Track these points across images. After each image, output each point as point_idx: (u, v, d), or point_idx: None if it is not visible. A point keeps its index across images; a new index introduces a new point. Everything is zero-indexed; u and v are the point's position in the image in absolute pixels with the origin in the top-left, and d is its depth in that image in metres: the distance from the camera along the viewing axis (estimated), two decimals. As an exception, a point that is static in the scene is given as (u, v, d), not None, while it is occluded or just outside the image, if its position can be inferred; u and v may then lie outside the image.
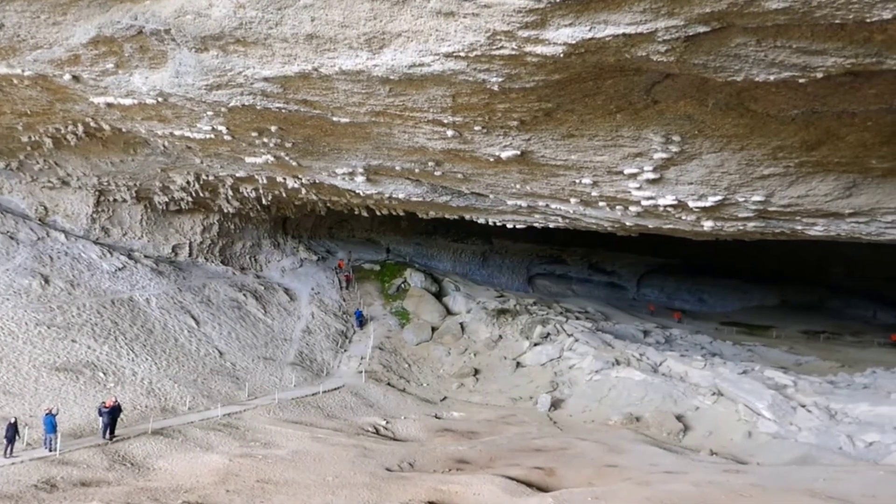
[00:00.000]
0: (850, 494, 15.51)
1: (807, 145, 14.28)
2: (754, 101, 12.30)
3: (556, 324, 39.35)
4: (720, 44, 8.73)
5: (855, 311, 61.95)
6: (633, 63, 10.00)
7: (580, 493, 15.79)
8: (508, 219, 28.70)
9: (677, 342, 43.25)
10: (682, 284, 66.46)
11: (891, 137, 13.59)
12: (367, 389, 29.18)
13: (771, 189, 17.32)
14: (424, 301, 42.39)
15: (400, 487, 16.45)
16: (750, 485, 16.43)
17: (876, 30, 7.59)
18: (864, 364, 37.40)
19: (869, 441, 22.79)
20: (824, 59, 8.69)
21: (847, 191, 17.19)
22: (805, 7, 6.99)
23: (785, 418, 25.65)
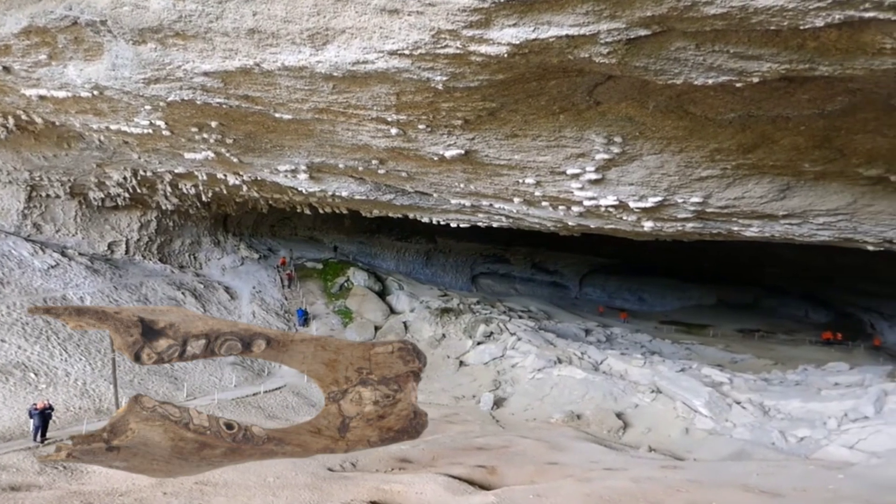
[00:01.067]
0: (782, 488, 15.91)
1: (743, 148, 14.59)
2: (693, 105, 12.50)
3: (499, 323, 39.57)
4: (660, 47, 8.82)
5: (788, 311, 63.80)
6: (575, 64, 10.06)
7: (522, 491, 15.86)
8: (452, 218, 28.73)
9: (618, 341, 43.92)
10: (623, 284, 67.55)
11: (822, 142, 13.97)
12: (309, 389, 28.85)
13: (709, 191, 17.65)
14: (367, 300, 42.19)
15: (342, 487, 16.29)
16: (686, 480, 16.72)
17: (809, 37, 7.76)
18: (796, 362, 38.48)
19: (800, 436, 23.44)
20: (760, 64, 8.85)
21: (781, 193, 17.62)
22: (742, 13, 7.10)
23: (721, 415, 26.24)
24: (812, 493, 15.55)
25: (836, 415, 24.09)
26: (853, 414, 23.66)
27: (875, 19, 6.72)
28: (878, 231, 20.45)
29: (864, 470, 17.27)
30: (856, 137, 13.73)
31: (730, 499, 15.13)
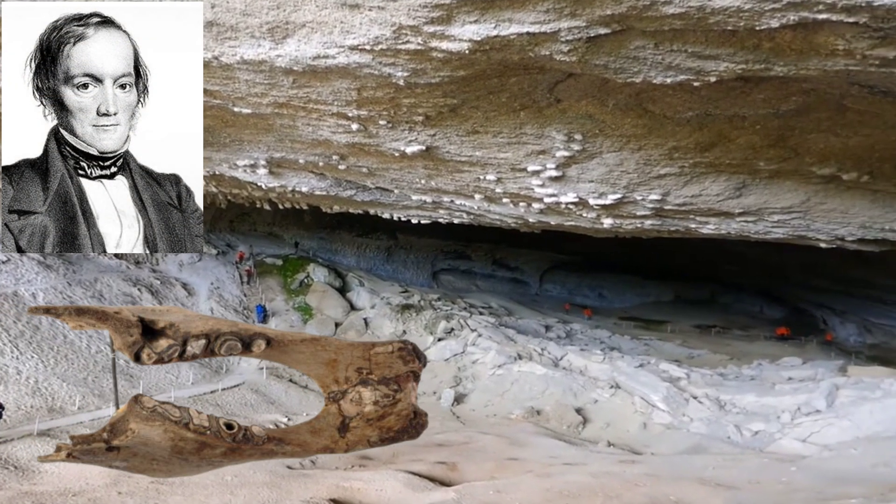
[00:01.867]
0: (737, 481, 16.20)
1: (700, 147, 14.75)
2: (652, 103, 12.59)
3: (460, 319, 39.66)
4: (620, 46, 8.87)
5: (743, 307, 64.89)
6: (536, 62, 10.08)
7: (482, 487, 15.93)
8: (413, 214, 28.67)
9: (578, 337, 44.29)
10: (583, 280, 68.06)
11: (777, 141, 14.19)
12: (268, 386, 28.64)
13: (667, 188, 17.82)
14: (328, 296, 41.98)
15: (301, 485, 16.21)
16: (644, 474, 16.94)
17: (765, 38, 7.86)
18: (751, 357, 39.20)
19: (755, 430, 23.88)
20: (717, 63, 8.94)
21: (737, 191, 17.87)
22: (700, 13, 7.17)
23: (678, 410, 26.62)
24: (766, 486, 15.85)
25: (789, 409, 24.59)
26: (806, 408, 24.17)
27: (828, 21, 6.84)
28: (830, 229, 20.86)
29: (816, 462, 17.67)
30: (809, 137, 13.97)
31: (686, 492, 15.37)
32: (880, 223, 19.57)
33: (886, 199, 17.89)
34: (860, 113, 12.22)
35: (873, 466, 16.39)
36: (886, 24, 6.62)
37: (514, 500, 14.99)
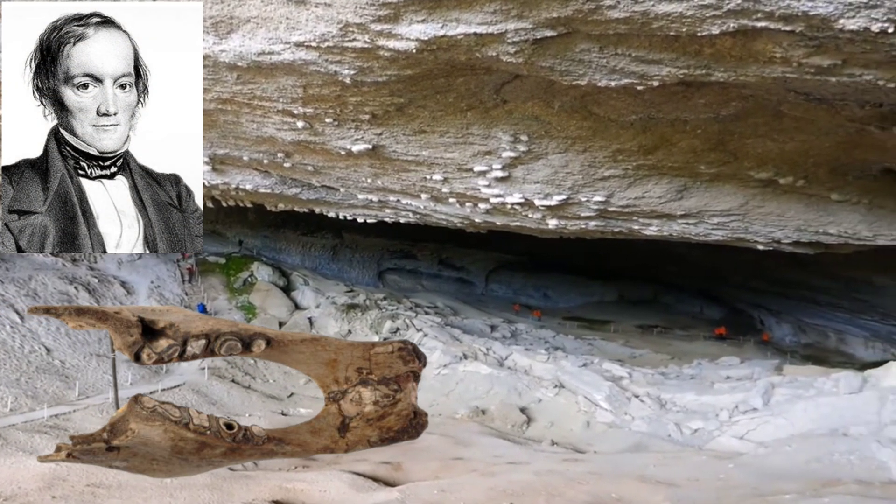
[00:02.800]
0: (677, 478, 16.50)
1: (644, 149, 14.97)
2: (597, 105, 12.72)
3: (405, 319, 39.61)
4: (566, 48, 8.94)
5: (684, 307, 66.19)
6: (483, 62, 10.10)
7: (426, 487, 15.92)
8: (359, 213, 28.50)
9: (522, 336, 44.61)
10: (528, 281, 68.55)
11: (717, 145, 14.50)
12: (209, 387, 28.18)
13: (611, 190, 18.03)
14: (272, 295, 41.51)
15: (243, 487, 15.98)
16: (587, 472, 17.14)
17: (706, 44, 8.00)
18: (691, 356, 39.99)
19: (694, 428, 24.35)
20: (660, 68, 9.07)
21: (679, 194, 18.20)
22: (643, 18, 7.26)
23: (620, 408, 27.01)
24: (704, 483, 16.18)
25: (727, 407, 25.12)
26: (743, 406, 24.74)
27: (766, 29, 6.99)
28: (767, 231, 21.39)
29: (753, 459, 18.09)
30: (748, 141, 14.30)
31: (628, 489, 15.60)
32: (814, 226, 20.14)
33: (820, 203, 18.42)
34: (796, 119, 12.55)
35: (807, 463, 16.86)
36: (821, 33, 6.81)
37: (458, 499, 15.02)
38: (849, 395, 21.22)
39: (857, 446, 16.60)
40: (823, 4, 6.22)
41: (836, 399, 21.33)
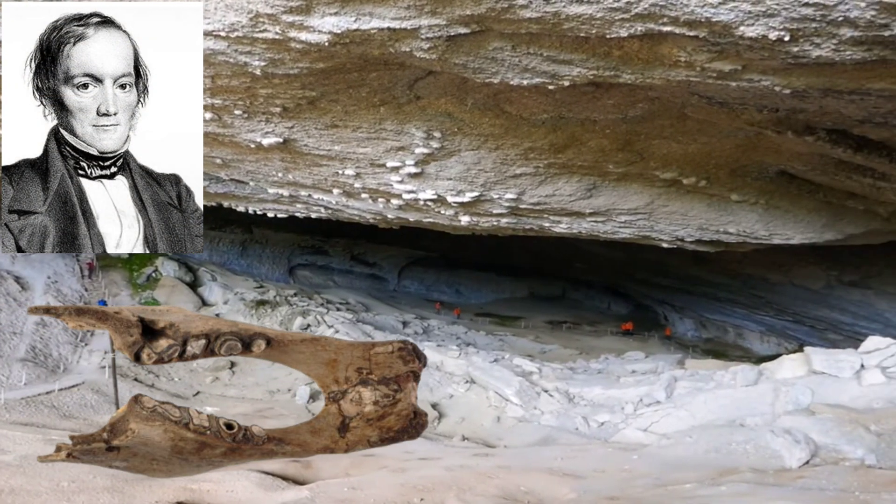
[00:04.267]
0: (584, 470, 16.85)
1: (554, 148, 15.19)
2: (509, 104, 12.83)
3: (316, 315, 39.16)
4: (479, 46, 8.97)
5: (593, 303, 67.74)
6: (397, 57, 10.05)
7: (336, 484, 15.78)
8: (270, 208, 28.01)
9: (434, 333, 44.76)
10: (440, 277, 68.84)
11: (625, 145, 14.85)
12: (110, 386, 27.14)
13: (522, 187, 18.25)
14: (177, 291, 40.38)
15: (146, 489, 15.47)
16: (497, 466, 17.32)
17: (614, 46, 8.16)
18: (599, 351, 40.93)
19: (601, 421, 24.91)
20: (570, 68, 9.20)
21: (588, 192, 18.57)
22: (555, 18, 7.34)
23: (530, 403, 27.40)
24: (610, 474, 16.57)
25: (632, 400, 25.79)
26: (647, 399, 25.44)
27: (672, 34, 7.18)
28: (671, 230, 22.08)
29: (656, 450, 18.61)
30: (654, 142, 14.71)
31: (536, 482, 15.84)
32: (716, 225, 20.89)
33: (721, 203, 19.11)
34: (699, 122, 12.98)
35: (706, 453, 17.48)
36: (723, 39, 7.04)
37: (368, 496, 14.94)
38: (745, 387, 22.09)
39: (753, 436, 17.31)
40: (725, 12, 6.43)
41: (733, 391, 22.17)
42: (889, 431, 16.61)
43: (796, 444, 16.24)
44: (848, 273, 34.25)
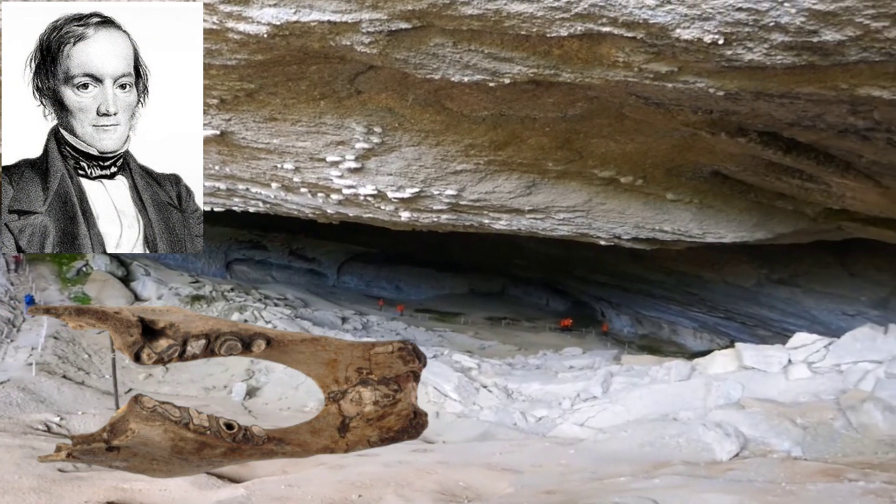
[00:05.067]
0: (521, 465, 16.98)
1: (495, 145, 15.25)
2: (450, 100, 12.83)
3: (254, 311, 38.65)
4: (420, 42, 8.93)
5: (532, 299, 68.39)
6: (337, 51, 9.95)
7: (273, 482, 15.57)
8: (206, 201, 27.46)
9: (374, 328, 44.62)
10: (380, 273, 68.61)
11: (564, 143, 15.00)
12: (37, 383, 26.29)
13: (463, 184, 18.28)
14: (109, 286, 39.36)
15: (75, 489, 15.01)
16: (435, 462, 17.33)
17: (554, 45, 8.21)
18: (537, 347, 41.34)
19: (539, 416, 25.15)
20: (511, 66, 9.23)
21: (527, 189, 18.71)
22: (496, 16, 7.35)
23: (469, 399, 27.51)
24: (547, 468, 16.74)
25: (569, 395, 26.12)
26: (584, 394, 25.81)
27: (610, 34, 7.27)
28: (609, 227, 22.42)
29: (592, 445, 18.87)
30: (592, 141, 14.89)
31: (475, 477, 15.90)
32: (651, 224, 21.29)
33: (657, 202, 19.48)
34: (636, 122, 13.18)
35: (640, 446, 17.80)
36: (660, 41, 7.15)
37: (306, 493, 14.80)
38: (679, 382, 22.60)
39: (685, 430, 17.69)
40: (662, 14, 6.53)
41: (667, 386, 22.65)
42: (814, 424, 17.19)
43: (727, 437, 16.68)
44: (777, 271, 35.33)
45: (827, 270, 32.80)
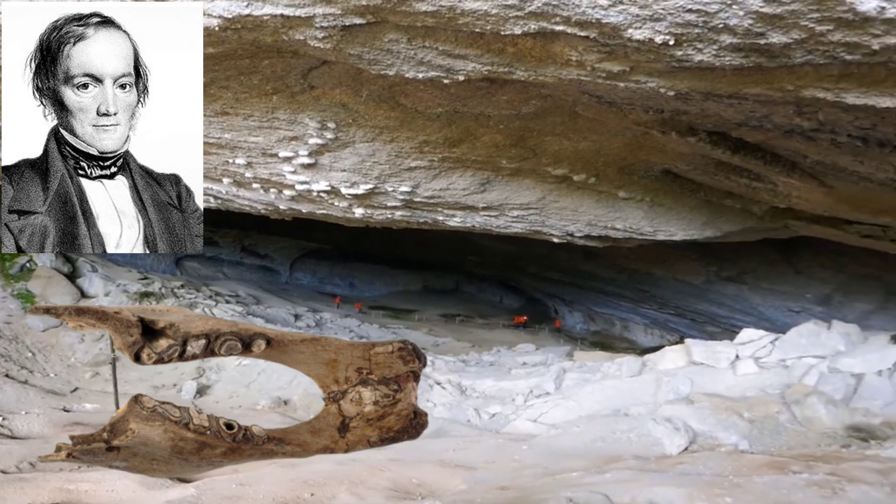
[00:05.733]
0: (475, 461, 17.02)
1: (449, 142, 15.26)
2: (404, 97, 12.79)
3: (204, 308, 38.05)
4: (374, 37, 8.88)
5: (485, 296, 68.62)
6: (291, 45, 9.84)
7: (224, 481, 15.35)
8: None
9: (327, 325, 44.29)
10: (333, 269, 68.17)
11: (518, 141, 15.08)
12: (-9, 385, 25.56)
13: (417, 181, 18.26)
14: (54, 283, 38.32)
15: (17, 490, 14.62)
16: (389, 459, 17.25)
17: (509, 43, 8.23)
18: (491, 344, 41.47)
19: (492, 413, 25.22)
20: (465, 63, 9.23)
21: (482, 186, 18.76)
22: (451, 13, 7.34)
23: (423, 395, 27.43)
24: (500, 464, 16.80)
25: (523, 392, 26.24)
26: (537, 390, 25.93)
27: (564, 33, 7.30)
28: (562, 225, 22.61)
29: (545, 440, 18.98)
30: (546, 139, 14.98)
31: (428, 474, 15.89)
32: (604, 221, 21.53)
33: (609, 199, 19.70)
34: (589, 120, 13.30)
35: (592, 442, 17.96)
36: (612, 40, 7.21)
37: (257, 492, 14.63)
38: (630, 378, 22.87)
39: (636, 425, 17.91)
40: (614, 14, 6.58)
41: (619, 382, 22.90)
42: (760, 418, 17.57)
43: (676, 431, 16.95)
44: (726, 269, 36.02)
45: (773, 268, 33.55)
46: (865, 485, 11.58)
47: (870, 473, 12.38)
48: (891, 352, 18.36)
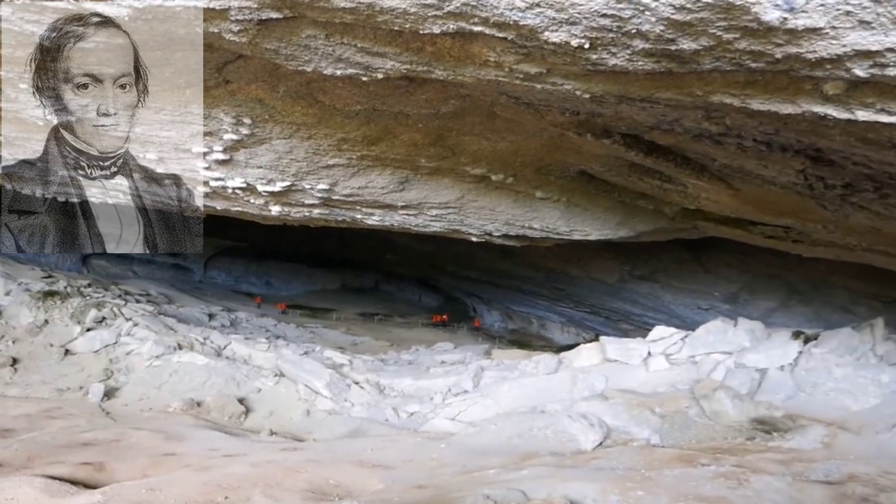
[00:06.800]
0: (393, 461, 17.00)
1: (368, 140, 15.19)
2: (323, 93, 12.67)
3: (113, 307, 36.71)
4: (291, 33, 8.76)
5: (405, 295, 68.65)
6: (205, 39, 9.60)
7: (133, 486, 14.88)
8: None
9: (243, 325, 43.52)
10: (249, 268, 67.02)
11: (436, 140, 15.13)
12: None
13: (335, 179, 18.11)
14: (-49, 282, 36.45)
15: None
16: (305, 460, 17.07)
17: (427, 42, 8.25)
18: (410, 342, 41.48)
19: (411, 412, 25.27)
20: (384, 61, 9.21)
21: (400, 185, 18.74)
22: (369, 10, 7.31)
23: (340, 395, 27.28)
24: (418, 463, 16.84)
25: (441, 390, 26.38)
26: (455, 389, 26.11)
27: (482, 34, 7.36)
28: (480, 224, 22.79)
29: (463, 438, 19.12)
30: (465, 139, 15.08)
31: (345, 474, 15.79)
32: (521, 221, 21.81)
33: (526, 199, 19.97)
34: (507, 121, 13.45)
35: (510, 439, 18.17)
36: (529, 42, 7.30)
37: (168, 497, 14.22)
38: (547, 375, 23.22)
39: (552, 421, 18.20)
40: (531, 16, 6.66)
41: (536, 380, 23.23)
42: (671, 413, 18.11)
43: (591, 427, 17.30)
44: (639, 268, 36.98)
45: (684, 267, 34.63)
46: (768, 475, 12.10)
47: (773, 464, 12.95)
48: (792, 347, 19.21)
